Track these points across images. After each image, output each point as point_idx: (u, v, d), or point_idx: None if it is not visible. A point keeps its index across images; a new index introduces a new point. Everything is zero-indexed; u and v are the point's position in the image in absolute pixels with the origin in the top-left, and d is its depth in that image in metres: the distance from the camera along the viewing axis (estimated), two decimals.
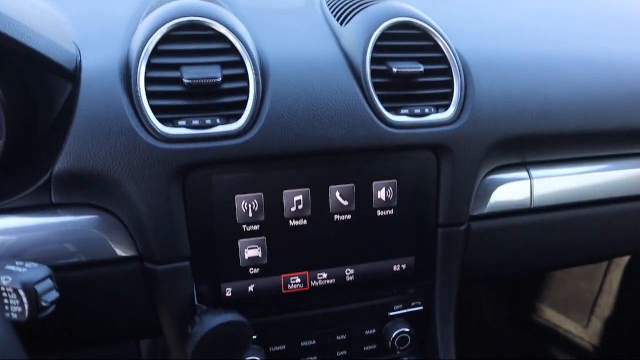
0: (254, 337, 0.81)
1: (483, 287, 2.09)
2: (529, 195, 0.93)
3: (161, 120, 0.70)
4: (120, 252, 0.75)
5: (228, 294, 0.77)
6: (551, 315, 1.94)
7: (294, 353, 0.84)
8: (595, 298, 1.82)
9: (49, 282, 0.56)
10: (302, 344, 0.84)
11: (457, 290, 0.91)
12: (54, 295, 0.56)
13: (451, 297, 0.90)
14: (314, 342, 0.84)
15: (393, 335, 0.86)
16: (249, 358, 0.79)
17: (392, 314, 0.87)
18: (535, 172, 0.94)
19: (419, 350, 0.92)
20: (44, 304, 0.54)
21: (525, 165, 0.94)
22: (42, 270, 0.55)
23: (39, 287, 0.54)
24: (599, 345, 1.82)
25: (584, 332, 1.86)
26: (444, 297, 0.89)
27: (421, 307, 0.89)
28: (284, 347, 0.83)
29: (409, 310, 0.88)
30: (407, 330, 0.86)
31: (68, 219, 0.74)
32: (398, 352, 0.88)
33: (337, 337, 0.86)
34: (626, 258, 1.73)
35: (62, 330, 0.77)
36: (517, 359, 1.95)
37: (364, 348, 0.88)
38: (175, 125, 0.71)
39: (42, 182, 0.70)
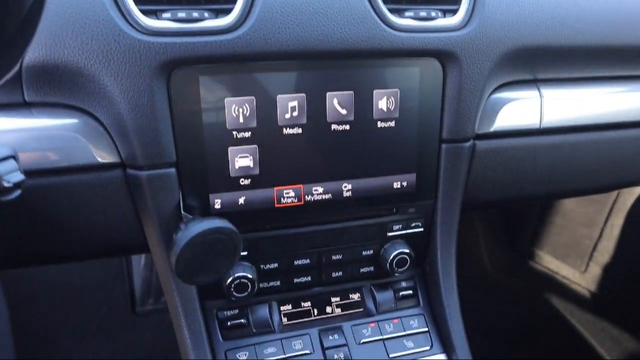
0: (245, 253, 0.77)
1: (482, 235, 2.07)
2: (538, 114, 0.88)
3: (144, 12, 0.64)
4: (101, 158, 0.70)
5: (217, 206, 0.73)
6: (549, 262, 1.92)
7: (287, 272, 0.80)
8: (595, 244, 1.79)
9: (12, 163, 0.51)
10: (295, 262, 0.80)
11: (459, 215, 0.87)
12: (18, 176, 0.51)
13: (453, 219, 0.86)
14: (308, 261, 0.81)
15: (392, 257, 0.82)
16: (239, 274, 0.75)
17: (391, 234, 0.83)
18: (546, 91, 0.88)
19: (419, 281, 0.88)
20: (6, 184, 0.49)
21: (535, 82, 0.88)
22: (4, 150, 0.50)
23: (1, 167, 0.49)
24: (596, 292, 1.80)
25: (581, 278, 1.84)
26: (445, 218, 0.85)
27: (421, 229, 0.85)
28: (276, 265, 0.79)
29: (408, 231, 0.84)
30: (406, 251, 0.82)
31: (44, 121, 0.69)
32: (396, 275, 0.84)
33: (333, 257, 0.82)
34: (629, 202, 1.69)
35: (45, 241, 0.73)
36: (514, 305, 1.94)
37: (361, 270, 0.84)
38: (159, 18, 0.65)
39: (13, 74, 0.64)
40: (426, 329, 0.84)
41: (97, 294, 1.78)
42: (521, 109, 0.87)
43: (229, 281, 0.75)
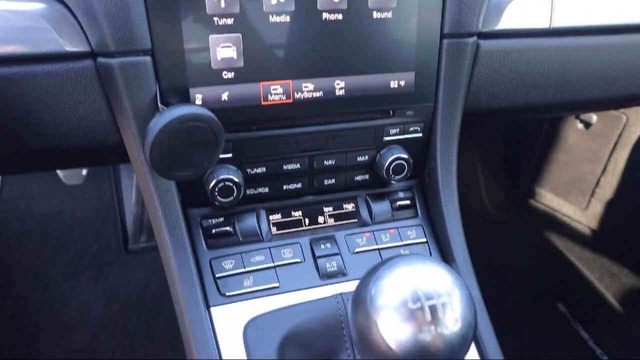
0: (229, 155, 0.72)
1: (482, 173, 2.02)
2: (549, 13, 0.81)
3: None
4: (69, 46, 0.64)
5: (198, 102, 0.67)
6: (550, 200, 1.88)
7: (276, 178, 0.75)
8: (598, 179, 1.75)
9: None
10: (284, 167, 0.75)
11: (460, 123, 0.81)
12: None
13: (454, 126, 0.80)
14: (298, 166, 0.75)
15: (388, 162, 0.76)
16: (223, 176, 0.70)
17: (387, 139, 0.77)
18: None
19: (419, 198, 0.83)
20: None
21: None
22: None
23: None
24: (596, 229, 1.77)
25: (582, 215, 1.81)
26: (445, 124, 0.79)
27: (420, 134, 0.79)
28: (263, 170, 0.74)
29: (406, 136, 0.78)
30: (404, 156, 0.77)
31: (6, 4, 0.62)
32: (393, 183, 0.79)
33: (325, 163, 0.76)
34: (635, 135, 1.64)
35: (15, 138, 0.67)
36: (514, 243, 1.92)
37: (356, 178, 0.79)
38: None
39: None
40: (424, 240, 0.79)
41: (88, 233, 1.75)
42: (530, 7, 0.80)
43: (212, 184, 0.70)
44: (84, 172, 1.53)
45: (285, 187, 0.76)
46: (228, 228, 0.74)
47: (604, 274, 1.76)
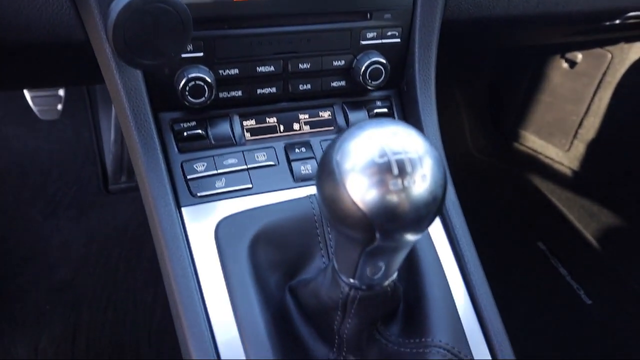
0: (200, 54, 0.69)
1: (466, 116, 2.01)
2: None
3: None
4: None
5: None
6: (533, 142, 1.88)
7: (249, 81, 0.73)
8: (581, 120, 1.75)
9: None
10: (258, 69, 0.73)
11: (439, 30, 0.79)
12: None
13: (432, 33, 0.78)
14: (272, 68, 0.73)
15: (365, 66, 0.74)
16: (193, 75, 0.68)
17: (364, 42, 0.75)
18: None
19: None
20: None
21: None
22: None
23: None
24: (578, 170, 1.78)
25: (564, 156, 1.81)
26: (424, 29, 0.77)
27: (398, 39, 0.77)
28: (236, 71, 0.72)
29: (384, 40, 0.76)
30: (381, 61, 0.75)
31: None
32: (370, 87, 0.77)
33: (300, 66, 0.74)
34: (620, 73, 1.63)
35: None
36: (496, 185, 1.92)
37: (332, 84, 0.77)
38: None
39: None
40: None
41: (67, 173, 1.72)
42: None
43: (182, 83, 0.68)
44: (59, 106, 1.49)
45: (259, 91, 0.74)
46: (200, 131, 0.72)
47: (583, 213, 1.78)
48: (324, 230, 0.67)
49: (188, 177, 0.70)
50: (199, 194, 0.69)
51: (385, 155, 0.40)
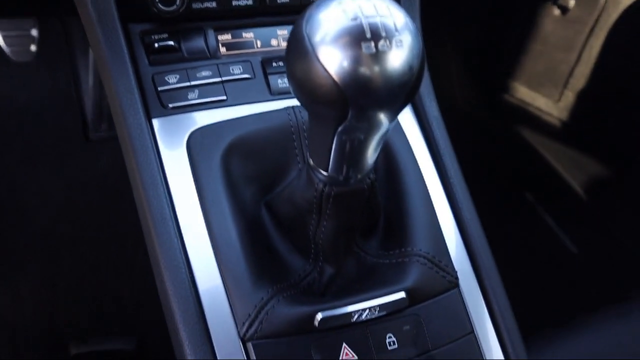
0: None
1: (455, 68, 1.98)
2: None
3: None
4: None
5: None
6: (523, 93, 1.86)
7: None
8: (572, 69, 1.72)
9: None
10: None
11: None
12: None
13: None
14: None
15: None
16: None
17: None
18: None
19: None
20: None
21: None
22: None
23: None
24: (567, 121, 1.76)
25: (554, 107, 1.79)
26: None
27: None
28: None
29: None
30: None
31: None
32: None
33: None
34: (612, 20, 1.60)
35: None
36: (485, 137, 1.91)
37: None
38: None
39: None
40: None
41: (46, 120, 1.67)
42: None
43: None
44: (33, 47, 1.43)
45: (234, 2, 0.70)
46: (172, 43, 0.68)
47: (571, 164, 1.77)
48: (301, 142, 0.64)
49: (159, 88, 0.66)
50: (170, 106, 0.65)
51: (358, 18, 0.37)
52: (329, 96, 0.39)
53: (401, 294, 0.54)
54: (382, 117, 0.41)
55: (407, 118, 0.69)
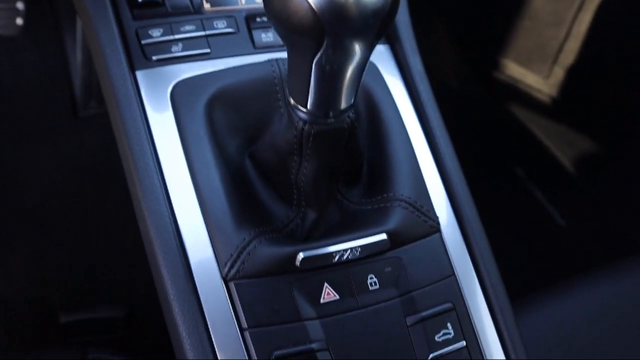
0: None
1: (445, 44, 1.98)
2: None
3: None
4: None
5: None
6: (513, 70, 1.86)
7: None
8: (561, 45, 1.72)
9: None
10: None
11: None
12: None
13: None
14: None
15: None
16: None
17: None
18: None
19: None
20: None
21: None
22: None
23: None
24: (557, 97, 1.77)
25: (544, 83, 1.80)
26: None
27: None
28: None
29: None
30: None
31: None
32: None
33: None
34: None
35: None
36: (475, 114, 1.91)
37: None
38: None
39: None
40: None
41: (34, 97, 1.66)
42: None
43: None
44: (19, 20, 1.42)
45: None
46: None
47: (561, 141, 1.78)
48: (285, 94, 0.64)
49: (143, 42, 0.66)
50: (154, 58, 0.65)
51: None
52: (305, 23, 0.40)
53: (382, 236, 0.55)
54: (358, 47, 0.42)
55: (390, 72, 0.70)
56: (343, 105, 0.48)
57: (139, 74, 0.65)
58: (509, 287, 0.67)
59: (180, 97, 0.63)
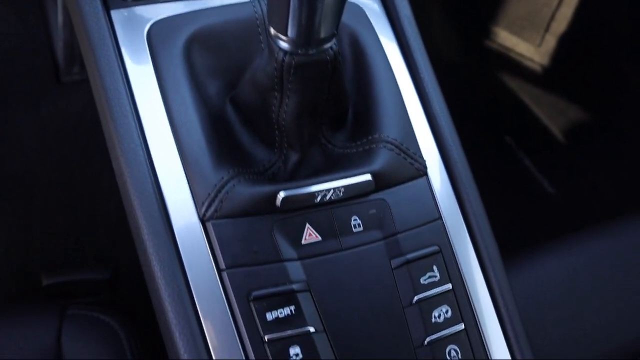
0: None
1: (437, 13, 1.95)
2: None
3: None
4: None
5: None
6: (504, 39, 1.84)
7: None
8: (554, 12, 1.70)
9: None
10: None
11: None
12: None
13: None
14: None
15: None
16: None
17: None
18: None
19: None
20: None
21: None
22: None
23: None
24: (548, 65, 1.75)
25: (536, 52, 1.78)
26: None
27: None
28: None
29: None
30: None
31: None
32: None
33: None
34: None
35: None
36: (466, 83, 1.89)
37: None
38: None
39: None
40: None
41: (15, 63, 1.61)
42: None
43: None
44: None
45: None
46: None
47: (551, 109, 1.77)
48: (267, 35, 0.62)
49: None
50: None
51: None
52: None
53: (367, 177, 0.53)
54: None
55: (377, 15, 0.67)
56: (324, 33, 0.45)
57: (114, 14, 0.62)
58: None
59: (157, 38, 0.60)
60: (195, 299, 0.49)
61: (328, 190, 0.51)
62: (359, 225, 0.53)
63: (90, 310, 0.78)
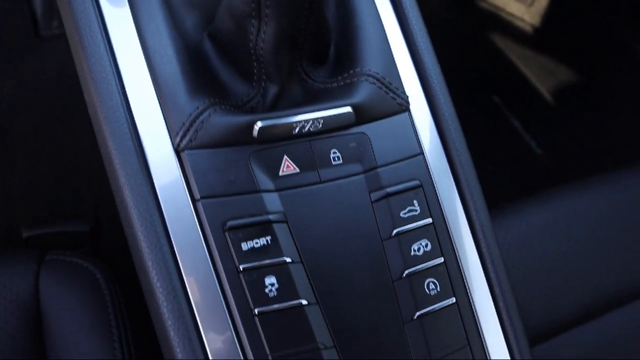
0: None
1: None
2: None
3: None
4: None
5: None
6: None
7: None
8: None
9: None
10: None
11: None
12: None
13: None
14: None
15: None
16: None
17: None
18: None
19: None
20: None
21: None
22: None
23: None
24: (539, 26, 1.73)
25: (527, 12, 1.75)
26: None
27: None
28: None
29: None
30: None
31: None
32: None
33: None
34: None
35: None
36: (457, 42, 1.86)
37: None
38: None
39: None
40: None
41: None
42: None
43: None
44: None
45: None
46: None
47: (541, 70, 1.75)
48: None
49: None
50: None
51: None
52: None
53: (347, 109, 0.51)
54: None
55: None
56: None
57: None
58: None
59: None
60: (169, 229, 0.47)
61: (307, 121, 0.50)
62: (338, 158, 0.52)
63: (69, 256, 0.77)
